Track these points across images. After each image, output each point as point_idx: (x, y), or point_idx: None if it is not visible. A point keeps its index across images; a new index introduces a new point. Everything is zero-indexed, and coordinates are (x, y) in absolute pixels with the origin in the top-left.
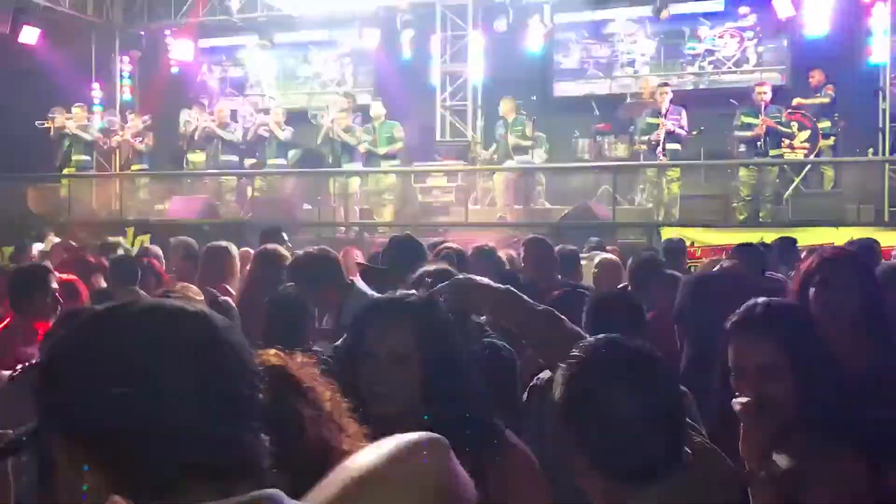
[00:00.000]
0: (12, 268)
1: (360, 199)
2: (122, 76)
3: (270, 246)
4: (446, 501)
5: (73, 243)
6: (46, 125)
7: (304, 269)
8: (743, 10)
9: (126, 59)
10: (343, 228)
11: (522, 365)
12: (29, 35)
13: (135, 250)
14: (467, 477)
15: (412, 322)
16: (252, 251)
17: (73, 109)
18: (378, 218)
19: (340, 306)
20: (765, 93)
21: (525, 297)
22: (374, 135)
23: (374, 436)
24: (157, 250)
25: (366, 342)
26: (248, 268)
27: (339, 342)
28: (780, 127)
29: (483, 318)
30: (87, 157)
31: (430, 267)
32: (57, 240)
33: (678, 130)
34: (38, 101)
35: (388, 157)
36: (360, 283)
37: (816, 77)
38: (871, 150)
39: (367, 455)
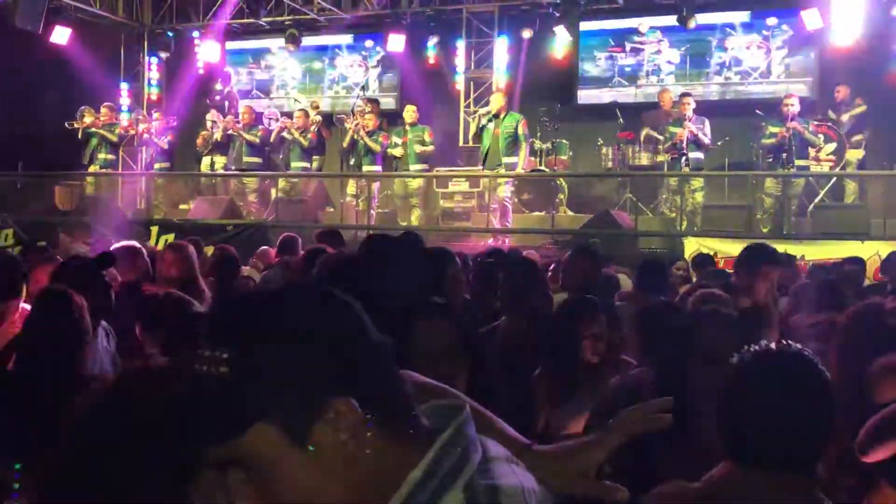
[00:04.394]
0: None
1: (378, 202)
2: (149, 77)
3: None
4: None
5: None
6: (76, 126)
7: None
8: (770, 20)
9: (154, 59)
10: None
11: None
12: (60, 35)
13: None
14: None
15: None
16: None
17: (101, 109)
18: (403, 222)
19: None
20: (792, 105)
21: None
22: (405, 137)
23: None
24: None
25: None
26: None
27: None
28: (806, 132)
29: None
30: (113, 157)
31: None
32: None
33: (701, 136)
34: (68, 101)
35: (419, 160)
36: None
37: (842, 92)
38: None
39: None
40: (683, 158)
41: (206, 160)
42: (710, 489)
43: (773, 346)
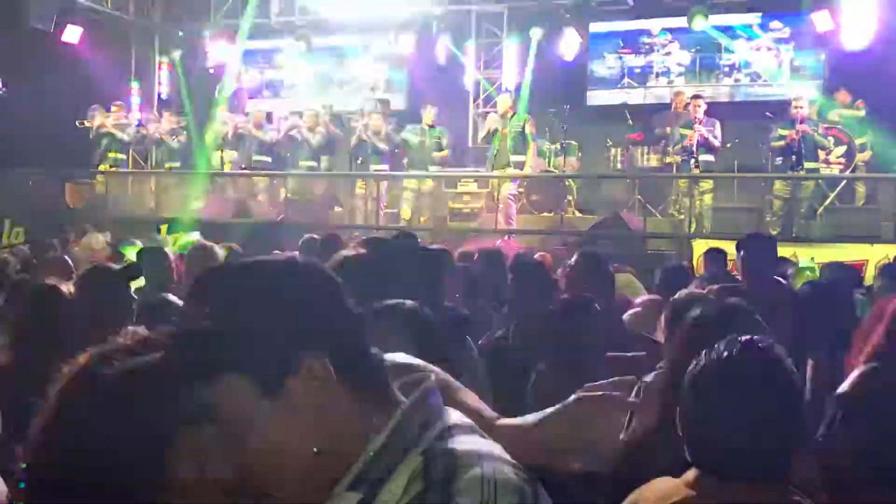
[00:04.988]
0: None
1: (386, 202)
2: (160, 76)
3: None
4: None
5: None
6: (87, 125)
7: None
8: (780, 23)
9: (165, 59)
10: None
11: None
12: (72, 34)
13: (173, 248)
14: None
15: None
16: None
17: (112, 108)
18: (407, 221)
19: None
20: (801, 107)
21: None
22: (424, 136)
23: None
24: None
25: None
26: None
27: None
28: (815, 134)
29: None
30: (123, 156)
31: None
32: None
33: (711, 139)
34: (78, 99)
35: (435, 162)
36: None
37: (841, 97)
38: None
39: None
40: (693, 160)
41: (215, 154)
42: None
43: (737, 344)
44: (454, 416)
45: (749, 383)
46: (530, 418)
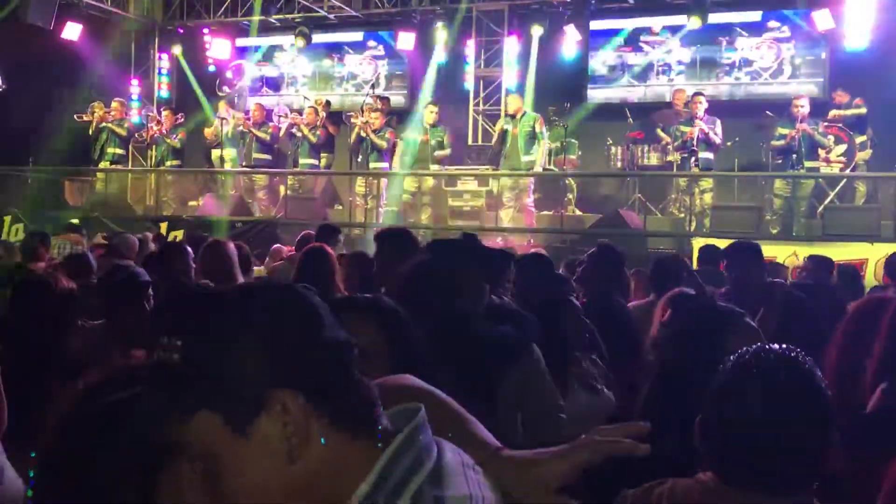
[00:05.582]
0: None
1: (387, 200)
2: (160, 73)
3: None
4: None
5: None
6: (86, 119)
7: None
8: (781, 21)
9: (164, 56)
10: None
11: None
12: (72, 31)
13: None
14: None
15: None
16: (284, 248)
17: (112, 104)
18: (411, 219)
19: None
20: (802, 106)
21: None
22: (426, 136)
23: None
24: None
25: None
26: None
27: None
28: (816, 134)
29: None
30: (123, 152)
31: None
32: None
33: (712, 135)
34: (78, 96)
35: (436, 161)
36: None
37: (839, 97)
38: None
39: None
40: (693, 158)
41: (215, 152)
42: (685, 498)
43: (764, 351)
44: (447, 451)
45: (781, 394)
46: (534, 453)
